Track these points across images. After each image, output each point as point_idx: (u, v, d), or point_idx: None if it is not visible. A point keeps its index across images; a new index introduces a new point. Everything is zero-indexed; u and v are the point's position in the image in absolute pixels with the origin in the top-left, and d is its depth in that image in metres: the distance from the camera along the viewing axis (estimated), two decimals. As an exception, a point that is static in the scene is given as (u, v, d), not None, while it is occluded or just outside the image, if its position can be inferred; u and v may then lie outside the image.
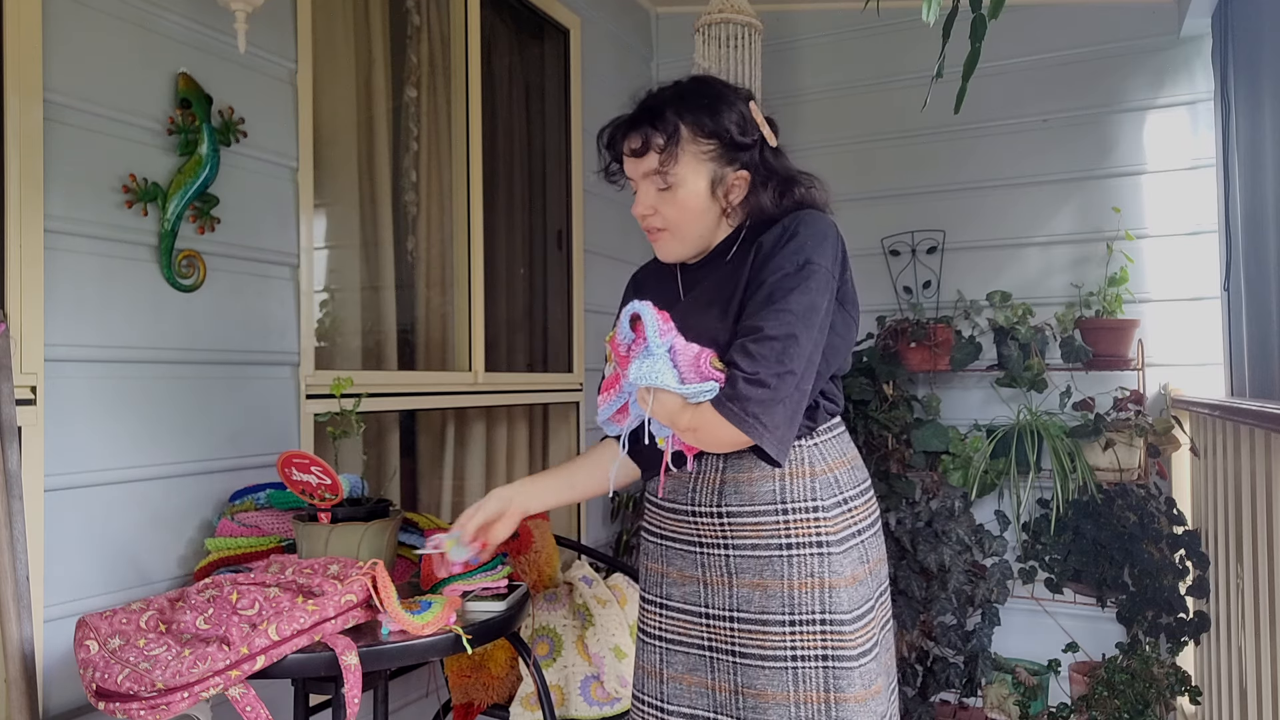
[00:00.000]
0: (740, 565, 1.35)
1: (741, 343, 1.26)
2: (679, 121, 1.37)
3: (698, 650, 1.40)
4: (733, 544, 1.36)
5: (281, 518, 1.84)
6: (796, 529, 1.34)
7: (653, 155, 1.36)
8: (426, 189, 2.65)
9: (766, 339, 1.24)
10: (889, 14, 3.28)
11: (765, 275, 1.30)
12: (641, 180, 1.39)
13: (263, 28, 1.97)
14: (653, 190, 1.38)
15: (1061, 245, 3.14)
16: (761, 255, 1.33)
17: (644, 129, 1.37)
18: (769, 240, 1.33)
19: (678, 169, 1.36)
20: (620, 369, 1.31)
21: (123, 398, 1.73)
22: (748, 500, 1.35)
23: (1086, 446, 2.90)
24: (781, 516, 1.34)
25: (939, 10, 1.33)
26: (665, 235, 1.40)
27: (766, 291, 1.28)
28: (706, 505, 1.37)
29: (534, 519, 2.40)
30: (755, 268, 1.32)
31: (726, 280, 1.36)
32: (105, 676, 1.32)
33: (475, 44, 2.74)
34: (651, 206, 1.38)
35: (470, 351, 2.71)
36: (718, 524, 1.36)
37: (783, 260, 1.30)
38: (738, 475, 1.36)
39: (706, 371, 1.25)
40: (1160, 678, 2.65)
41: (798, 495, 1.35)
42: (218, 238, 1.89)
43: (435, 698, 2.47)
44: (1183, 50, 2.98)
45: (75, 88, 1.64)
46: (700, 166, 1.37)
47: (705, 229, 1.41)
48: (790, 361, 1.24)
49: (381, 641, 1.45)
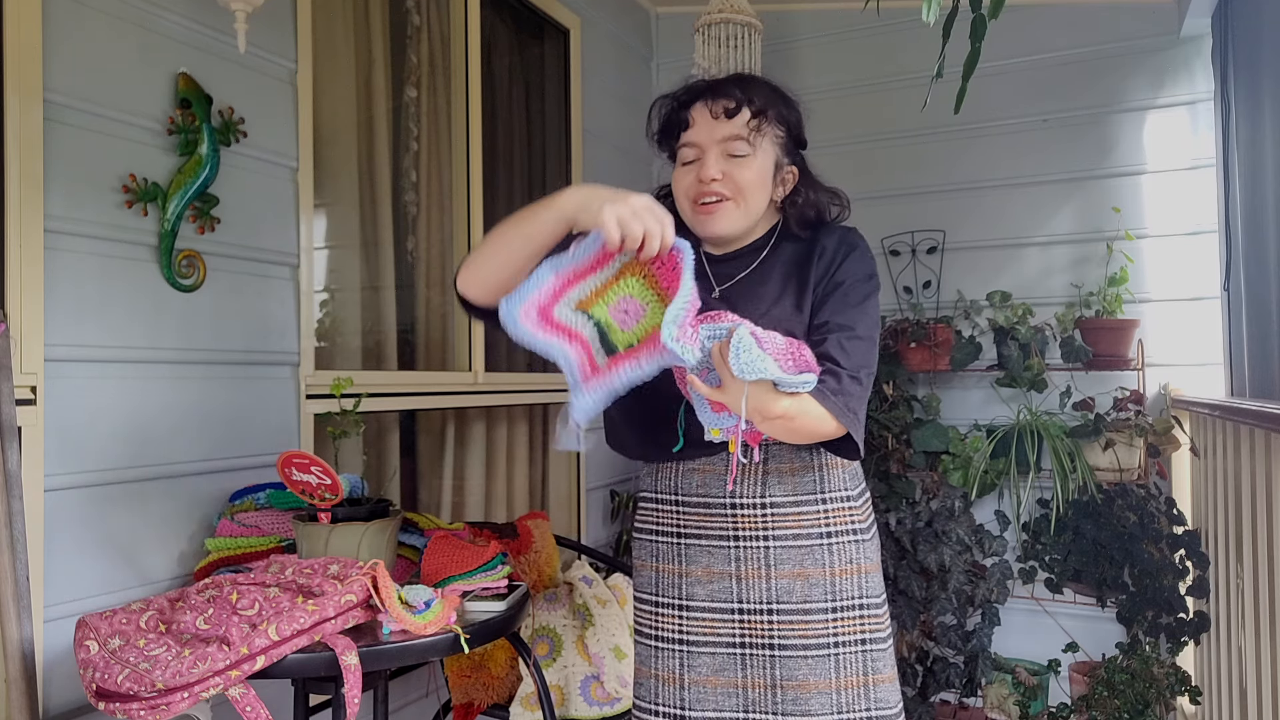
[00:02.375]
0: (781, 556, 1.36)
1: (837, 339, 1.30)
2: (769, 97, 1.40)
3: (726, 649, 1.38)
4: (774, 535, 1.36)
5: (281, 518, 1.84)
6: (835, 517, 1.38)
7: (741, 119, 1.37)
8: (426, 189, 2.65)
9: (858, 338, 1.31)
10: (889, 14, 3.28)
11: (842, 277, 1.35)
12: (715, 145, 1.37)
13: (263, 28, 1.97)
14: (724, 157, 1.37)
15: (1061, 245, 3.14)
16: (827, 257, 1.37)
17: (736, 92, 1.38)
18: (830, 244, 1.38)
19: (759, 139, 1.38)
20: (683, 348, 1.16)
21: (123, 398, 1.73)
22: (790, 490, 1.37)
23: (1086, 446, 2.90)
24: (821, 506, 1.38)
25: (939, 10, 1.32)
26: (727, 206, 1.38)
27: (845, 293, 1.34)
28: (749, 497, 1.37)
29: (534, 518, 2.41)
30: (824, 267, 1.37)
31: (788, 274, 1.39)
32: (105, 676, 1.32)
33: (475, 44, 2.74)
34: (722, 171, 1.37)
35: (470, 351, 2.71)
36: (760, 515, 1.37)
37: (854, 267, 1.36)
38: (779, 466, 1.38)
39: (805, 362, 1.22)
40: (1160, 678, 2.65)
41: (834, 485, 1.40)
42: (218, 238, 1.89)
43: (435, 698, 2.47)
44: (1183, 50, 2.97)
45: (75, 88, 1.64)
46: (770, 148, 1.40)
47: (762, 208, 1.41)
48: (873, 362, 1.32)
49: (381, 641, 1.45)
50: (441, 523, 2.02)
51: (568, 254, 1.19)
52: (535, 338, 1.18)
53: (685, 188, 1.40)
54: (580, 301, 1.21)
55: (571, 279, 1.20)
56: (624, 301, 1.21)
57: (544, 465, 3.18)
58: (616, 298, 1.21)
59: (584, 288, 1.21)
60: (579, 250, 1.19)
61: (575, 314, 1.20)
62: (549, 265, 1.18)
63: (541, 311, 1.19)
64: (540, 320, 1.19)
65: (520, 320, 1.16)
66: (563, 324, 1.20)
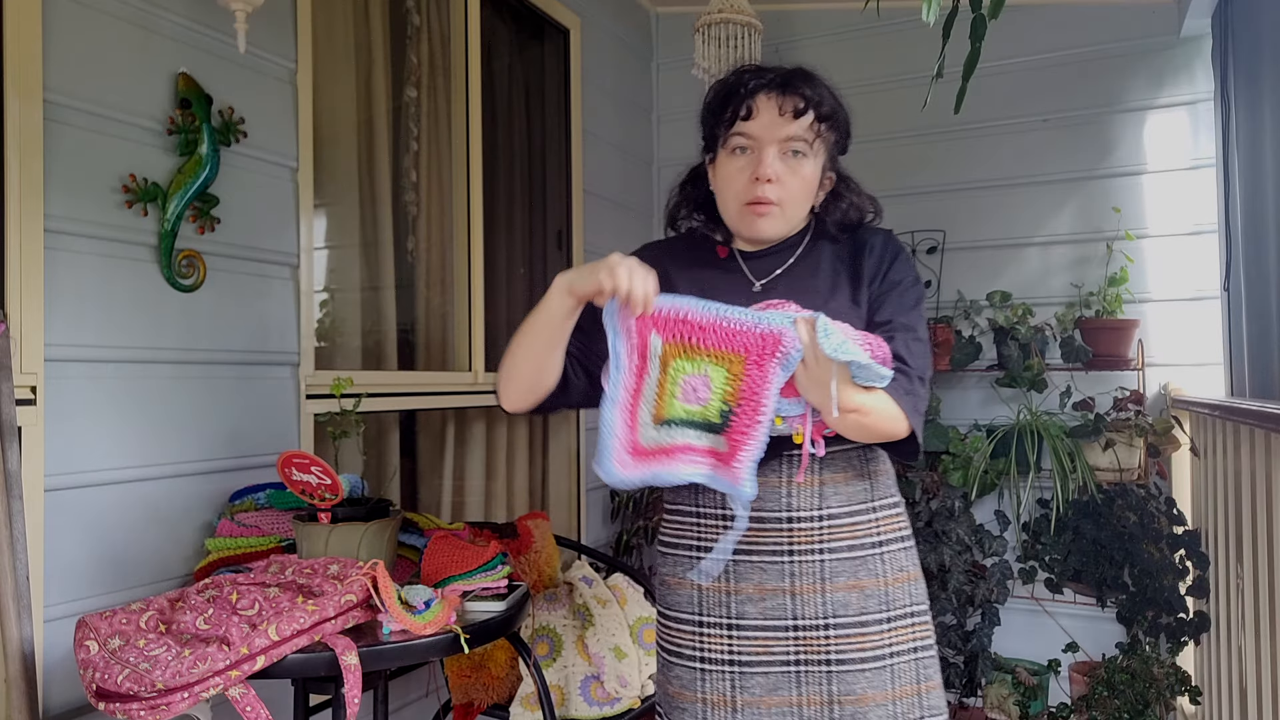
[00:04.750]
0: (836, 568, 1.32)
1: (904, 339, 1.28)
2: (833, 102, 1.36)
3: (780, 668, 1.32)
4: (829, 547, 1.33)
5: (281, 518, 1.84)
6: (885, 525, 1.36)
7: (805, 121, 1.32)
8: (426, 189, 2.65)
9: (920, 340, 1.30)
10: (889, 14, 3.28)
11: (898, 277, 1.34)
12: (774, 143, 1.32)
13: (263, 28, 1.97)
14: (781, 157, 1.33)
15: (1061, 245, 3.14)
16: (877, 254, 1.36)
17: (807, 92, 1.33)
18: (877, 243, 1.37)
19: (818, 144, 1.34)
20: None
21: (123, 398, 1.73)
22: (845, 501, 1.34)
23: (1086, 446, 2.90)
24: (873, 514, 1.36)
25: (939, 10, 1.32)
26: (775, 211, 1.34)
27: (902, 293, 1.33)
28: (807, 509, 1.33)
29: (534, 518, 2.40)
30: (875, 264, 1.35)
31: (836, 269, 1.37)
32: (105, 677, 1.32)
33: (475, 44, 2.74)
34: (777, 173, 1.32)
35: (470, 351, 2.71)
36: (817, 528, 1.33)
37: (905, 269, 1.36)
38: (835, 476, 1.35)
39: (884, 355, 1.18)
40: (1160, 678, 2.65)
41: (882, 493, 1.38)
42: (218, 238, 1.89)
43: (435, 698, 2.47)
44: (1183, 50, 2.97)
45: (75, 88, 1.64)
46: (822, 153, 1.37)
47: (804, 215, 1.39)
48: (931, 368, 1.32)
49: (381, 641, 1.45)
50: (441, 523, 2.02)
51: (608, 379, 1.17)
52: (646, 475, 1.17)
53: (738, 188, 1.34)
54: (655, 415, 1.19)
55: (631, 403, 1.17)
56: (685, 385, 1.18)
57: (544, 465, 3.18)
58: (679, 388, 1.18)
59: (646, 403, 1.19)
60: (611, 368, 1.17)
61: (660, 430, 1.19)
62: (606, 403, 1.16)
63: (633, 449, 1.18)
64: (637, 459, 1.17)
65: (623, 473, 1.15)
66: (656, 447, 1.18)
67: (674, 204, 1.49)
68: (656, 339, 1.16)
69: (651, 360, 1.16)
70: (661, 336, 1.16)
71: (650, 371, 1.17)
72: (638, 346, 1.15)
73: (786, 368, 1.14)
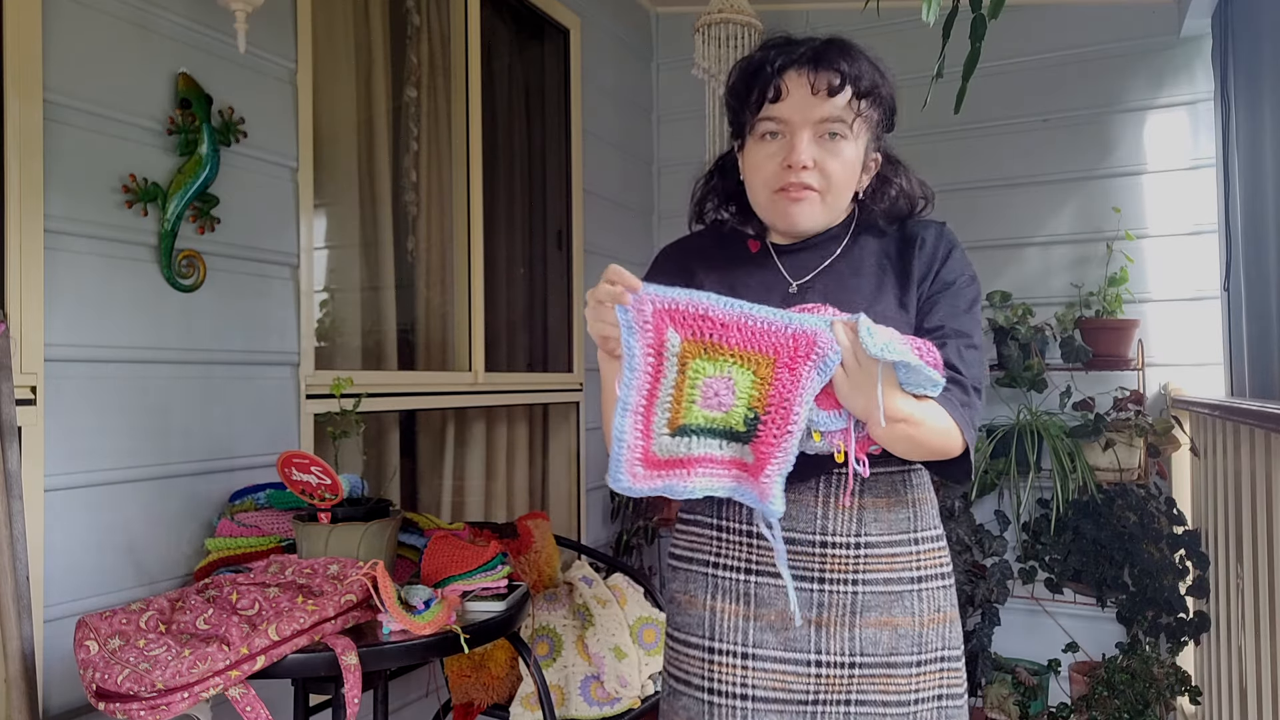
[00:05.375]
0: (868, 602, 1.19)
1: (957, 346, 1.16)
2: (873, 76, 1.21)
3: (796, 706, 1.20)
4: (864, 579, 1.20)
5: (281, 518, 1.84)
6: (926, 560, 1.23)
7: (842, 99, 1.18)
8: (426, 189, 2.65)
9: (974, 348, 1.18)
10: (889, 14, 3.28)
11: (951, 276, 1.22)
12: (809, 125, 1.18)
13: (263, 28, 1.97)
14: (817, 140, 1.19)
15: (1061, 245, 3.14)
16: (928, 250, 1.23)
17: (842, 66, 1.18)
18: (929, 237, 1.25)
19: (858, 124, 1.20)
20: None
21: (123, 398, 1.73)
22: (886, 529, 1.21)
23: (1086, 446, 2.90)
24: (914, 547, 1.23)
25: (939, 10, 1.32)
26: (813, 198, 1.20)
27: (955, 295, 1.21)
28: (843, 535, 1.20)
29: (534, 518, 2.41)
30: (927, 262, 1.23)
31: (882, 267, 1.24)
32: (105, 677, 1.32)
33: (475, 44, 2.74)
34: (813, 159, 1.18)
35: (470, 351, 2.71)
36: (852, 556, 1.20)
37: (960, 267, 1.23)
38: (876, 501, 1.21)
39: (935, 360, 1.07)
40: (1160, 678, 2.65)
41: (926, 523, 1.25)
42: (218, 238, 1.89)
43: (435, 698, 2.47)
44: (1183, 50, 2.97)
45: (75, 88, 1.64)
46: (864, 133, 1.22)
47: (847, 202, 1.25)
48: (986, 378, 1.22)
49: (381, 641, 1.45)
50: (441, 523, 2.02)
51: (621, 385, 1.05)
52: (660, 487, 1.06)
53: (768, 174, 1.21)
54: (670, 423, 1.07)
55: (646, 407, 1.06)
56: (706, 388, 1.06)
57: (544, 465, 3.18)
58: (698, 392, 1.06)
59: (662, 408, 1.06)
60: (624, 369, 1.05)
61: (676, 439, 1.07)
62: (618, 409, 1.05)
63: (646, 460, 1.06)
64: (650, 470, 1.06)
65: (635, 484, 1.05)
66: (672, 458, 1.07)
67: (700, 196, 1.36)
68: (674, 335, 1.04)
69: (668, 360, 1.05)
70: (679, 333, 1.04)
71: (667, 372, 1.05)
72: (653, 344, 1.03)
73: (822, 372, 1.04)
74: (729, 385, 1.05)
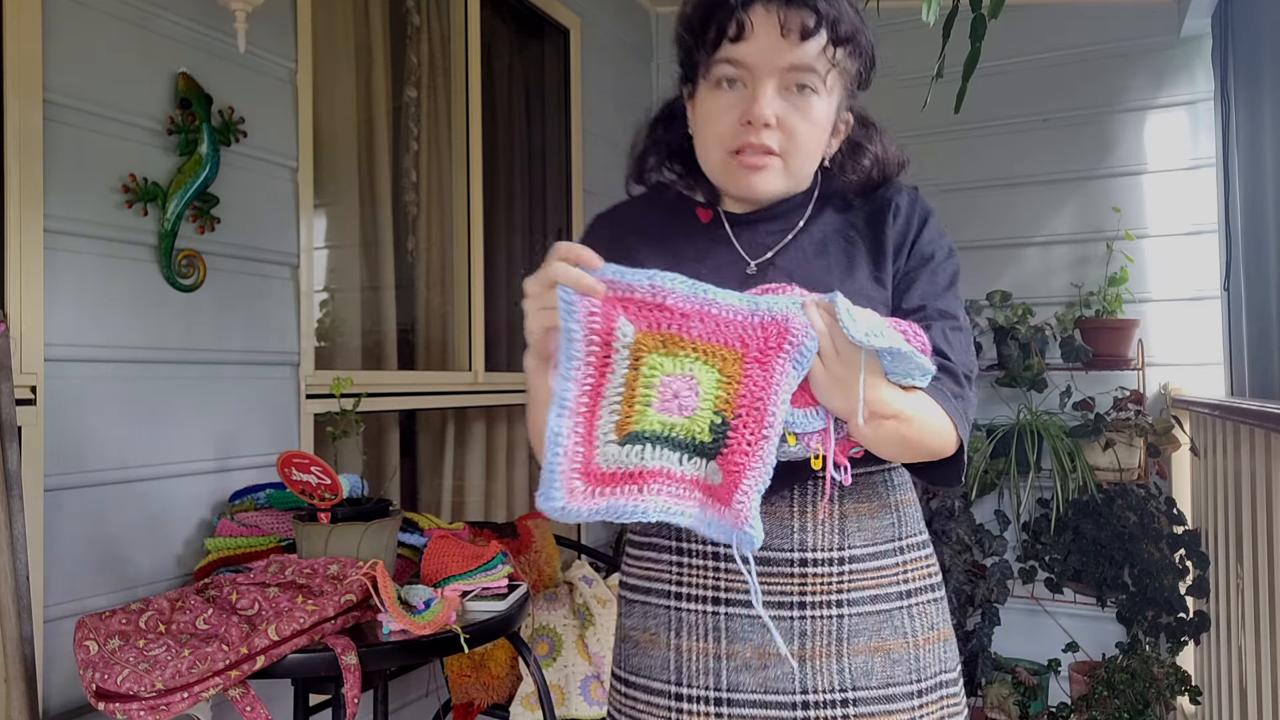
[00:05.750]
0: (855, 626, 1.03)
1: (942, 328, 1.02)
2: (853, 21, 1.04)
3: None
4: (849, 599, 1.03)
5: (281, 518, 1.84)
6: (914, 570, 1.08)
7: (816, 45, 0.99)
8: (426, 189, 2.65)
9: (961, 330, 1.04)
10: (889, 14, 3.27)
11: (929, 249, 1.07)
12: (774, 73, 1.00)
13: (263, 28, 1.97)
14: (782, 92, 1.01)
15: (1061, 245, 3.14)
16: (903, 217, 1.08)
17: (818, 5, 1.00)
18: (903, 203, 1.09)
19: (832, 76, 1.02)
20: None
21: (122, 398, 1.73)
22: (870, 539, 1.06)
23: (1086, 446, 2.90)
24: (899, 557, 1.07)
25: (939, 10, 1.33)
26: (774, 163, 1.03)
27: (935, 271, 1.06)
28: (825, 549, 1.03)
29: (534, 518, 2.41)
30: (902, 229, 1.07)
31: (851, 239, 1.07)
32: (105, 677, 1.32)
33: (475, 44, 2.74)
34: (777, 115, 1.00)
35: (470, 351, 2.71)
36: (836, 574, 1.03)
37: (938, 238, 1.08)
38: (858, 507, 1.06)
39: (922, 343, 0.93)
40: (1160, 678, 2.65)
41: (910, 529, 1.10)
42: (218, 238, 1.89)
43: (435, 698, 2.47)
44: (1183, 50, 2.97)
45: (75, 88, 1.64)
46: (838, 89, 1.05)
47: (812, 169, 1.08)
48: (975, 361, 1.04)
49: (381, 641, 1.45)
50: (441, 523, 2.02)
51: (557, 378, 0.85)
52: (603, 508, 0.85)
53: (722, 130, 1.02)
54: (619, 427, 0.87)
55: (589, 407, 0.86)
56: (664, 389, 0.87)
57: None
58: (654, 393, 0.87)
59: (609, 408, 0.86)
60: (560, 358, 0.85)
61: (626, 449, 0.86)
62: (553, 410, 0.85)
63: (587, 472, 0.86)
64: (593, 486, 0.86)
65: (573, 504, 0.84)
66: (620, 471, 0.86)
67: (641, 151, 1.16)
68: (626, 325, 0.85)
69: (619, 351, 0.86)
70: (634, 324, 0.86)
71: (616, 366, 0.86)
72: (600, 330, 0.84)
73: (798, 365, 0.87)
74: (691, 385, 0.87)
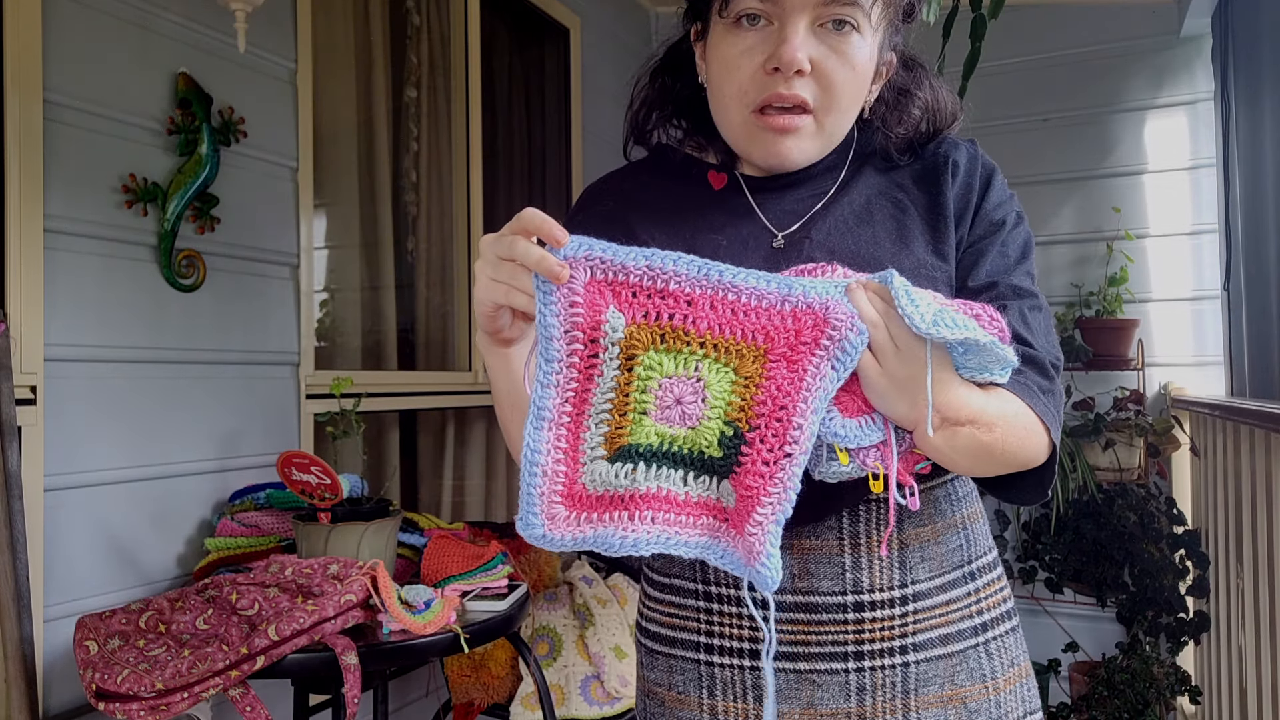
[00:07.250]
0: (924, 674, 0.86)
1: (1020, 309, 0.83)
2: None
3: None
4: (915, 643, 0.86)
5: (281, 518, 1.84)
6: (986, 598, 0.91)
7: None
8: (426, 189, 2.65)
9: (1041, 310, 0.86)
10: (889, 14, 3.28)
11: (997, 213, 0.87)
12: (806, 9, 0.81)
13: (263, 28, 1.97)
14: (816, 33, 0.82)
15: (1061, 245, 3.14)
16: (962, 176, 0.88)
17: None
18: (961, 159, 0.89)
19: (877, 10, 0.83)
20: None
21: (123, 398, 1.73)
22: (936, 569, 0.88)
23: (1086, 446, 2.90)
24: (971, 584, 0.90)
25: (939, 10, 1.33)
26: (807, 124, 0.84)
27: (1006, 240, 0.87)
28: (885, 588, 0.86)
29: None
30: (963, 191, 0.88)
31: (901, 204, 0.88)
32: (105, 677, 1.32)
33: (475, 44, 2.74)
34: (811, 59, 0.81)
35: (470, 351, 2.71)
36: (899, 616, 0.86)
37: (1005, 201, 0.89)
38: (920, 532, 0.88)
39: (1000, 330, 0.73)
40: (1160, 678, 2.65)
41: (981, 547, 0.92)
42: (218, 238, 1.89)
43: (435, 698, 2.47)
44: (1183, 50, 2.98)
45: (75, 88, 1.64)
46: (883, 29, 0.86)
47: (849, 126, 0.89)
48: (1059, 347, 0.86)
49: (381, 641, 1.45)
50: (441, 523, 2.02)
51: (535, 384, 0.73)
52: (590, 538, 0.72)
53: (743, 80, 0.83)
54: (609, 440, 0.73)
55: (572, 418, 0.73)
56: (663, 393, 0.73)
57: (544, 465, 3.18)
58: (652, 398, 0.72)
59: (597, 420, 0.73)
60: (538, 360, 0.72)
61: (616, 468, 0.72)
62: (530, 422, 0.73)
63: (570, 496, 0.73)
64: (577, 511, 0.73)
65: (554, 532, 0.73)
66: (610, 494, 0.72)
67: (641, 106, 0.98)
68: (616, 316, 0.71)
69: (607, 349, 0.72)
70: (624, 313, 0.71)
71: (604, 367, 0.72)
72: (584, 324, 0.71)
73: (840, 365, 0.70)
74: (697, 389, 0.72)
